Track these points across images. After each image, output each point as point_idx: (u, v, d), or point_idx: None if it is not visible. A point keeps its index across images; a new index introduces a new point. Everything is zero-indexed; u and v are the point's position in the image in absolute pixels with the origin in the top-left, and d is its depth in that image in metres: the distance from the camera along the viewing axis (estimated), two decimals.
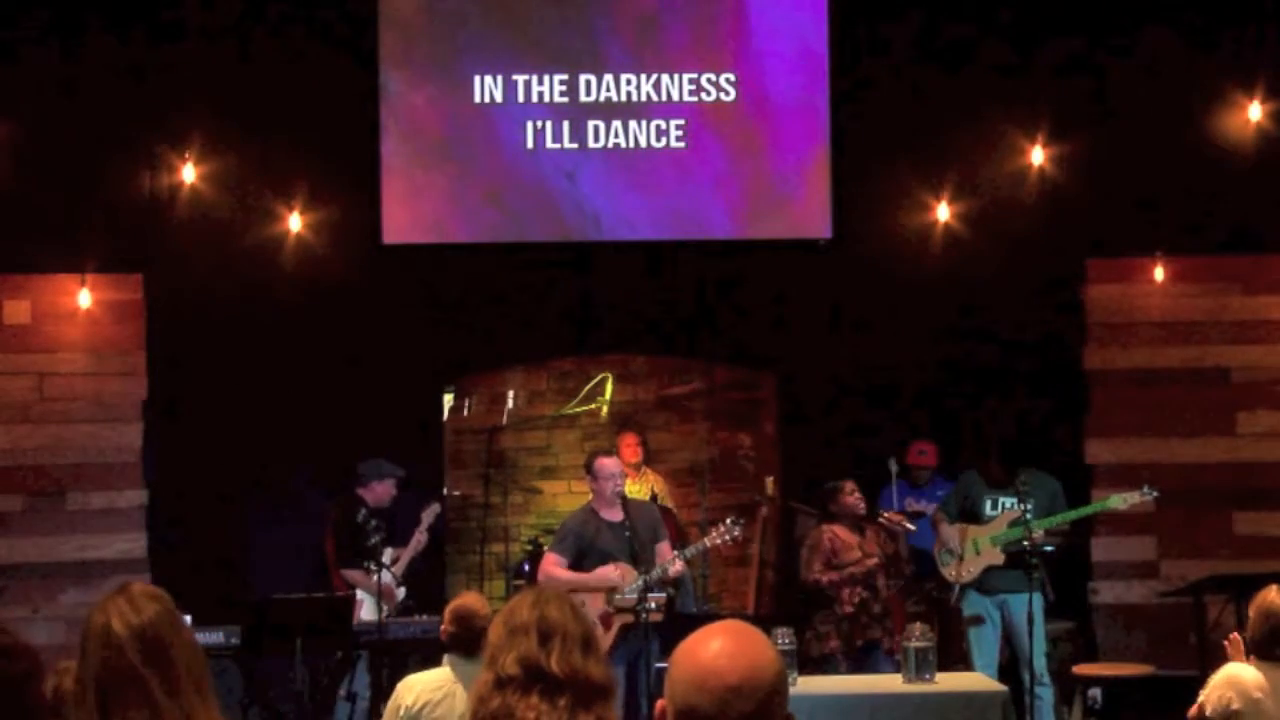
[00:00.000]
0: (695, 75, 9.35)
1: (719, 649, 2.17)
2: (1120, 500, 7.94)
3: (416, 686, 5.09)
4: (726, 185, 9.40)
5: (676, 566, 7.51)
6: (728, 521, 7.61)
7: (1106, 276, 9.44)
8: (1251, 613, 5.08)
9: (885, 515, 8.24)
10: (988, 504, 8.08)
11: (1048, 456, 8.49)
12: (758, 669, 2.15)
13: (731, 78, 9.37)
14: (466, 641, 5.13)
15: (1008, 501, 7.99)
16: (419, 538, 8.56)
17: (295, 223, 9.10)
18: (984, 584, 7.98)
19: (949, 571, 8.09)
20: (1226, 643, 5.23)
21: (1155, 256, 9.33)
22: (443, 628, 5.27)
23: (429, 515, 8.64)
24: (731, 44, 9.42)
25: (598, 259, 9.45)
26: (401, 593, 8.39)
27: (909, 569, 8.23)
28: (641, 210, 9.42)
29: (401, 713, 5.02)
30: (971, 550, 7.99)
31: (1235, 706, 4.95)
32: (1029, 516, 7.76)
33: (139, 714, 2.84)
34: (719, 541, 7.64)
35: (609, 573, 7.50)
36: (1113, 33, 9.29)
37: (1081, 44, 9.29)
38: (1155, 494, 7.88)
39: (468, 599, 5.40)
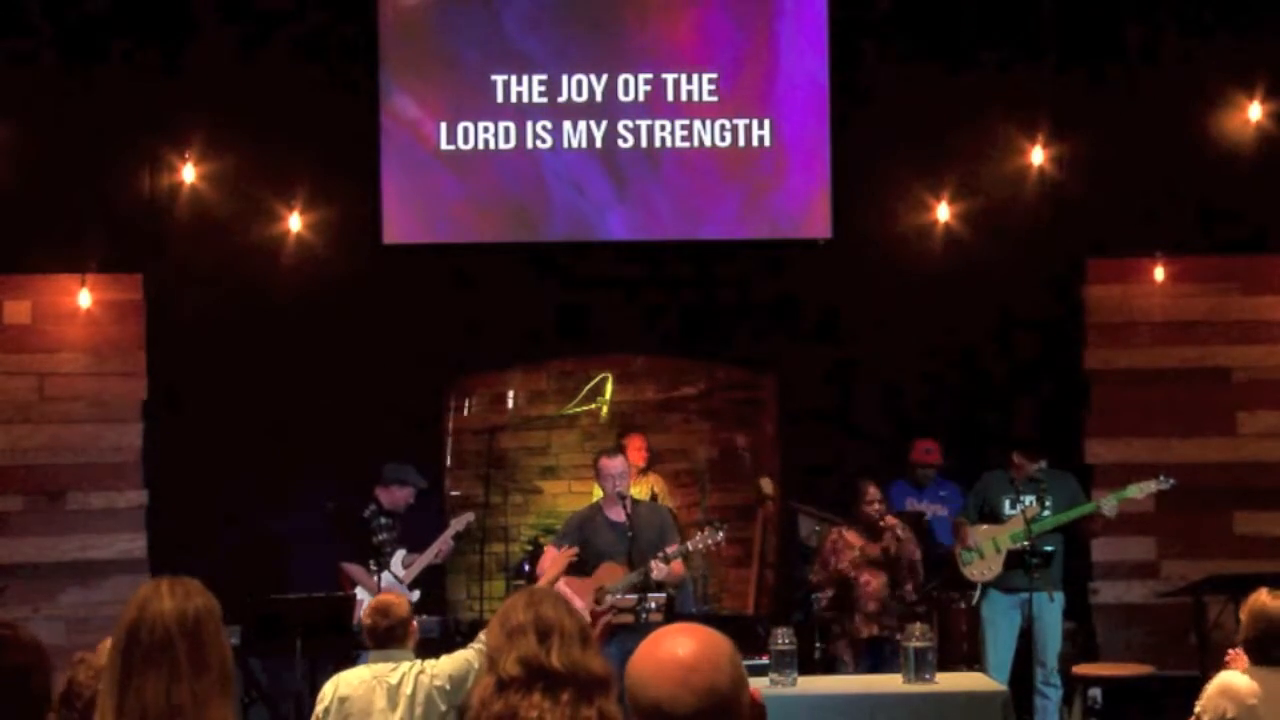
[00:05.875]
0: (694, 76, 9.35)
1: (669, 636, 2.29)
2: (1137, 489, 7.96)
3: (338, 682, 5.10)
4: (726, 185, 9.41)
5: (658, 570, 7.43)
6: (707, 528, 7.63)
7: (1106, 276, 9.44)
8: (1243, 616, 5.06)
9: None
10: (1006, 503, 8.10)
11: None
12: (710, 646, 2.25)
13: (730, 77, 9.37)
14: (383, 631, 5.20)
15: (1027, 499, 8.01)
16: (441, 545, 8.55)
17: (295, 223, 9.10)
18: (1006, 582, 8.00)
19: (970, 571, 8.11)
20: (1228, 658, 5.20)
21: (1155, 256, 9.33)
22: (364, 624, 5.32)
23: (460, 523, 8.66)
24: (731, 44, 9.42)
25: (598, 259, 9.45)
26: (415, 595, 8.32)
27: (910, 572, 8.15)
28: (641, 210, 9.43)
29: (321, 708, 5.03)
30: (991, 549, 8.02)
31: (1230, 715, 4.94)
32: (1047, 512, 7.82)
33: (159, 679, 2.84)
34: (700, 546, 7.64)
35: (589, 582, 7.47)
36: (1113, 32, 9.29)
37: (1081, 44, 9.30)
38: (1172, 482, 7.93)
39: (386, 595, 5.51)
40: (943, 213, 9.29)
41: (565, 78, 9.32)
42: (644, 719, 2.24)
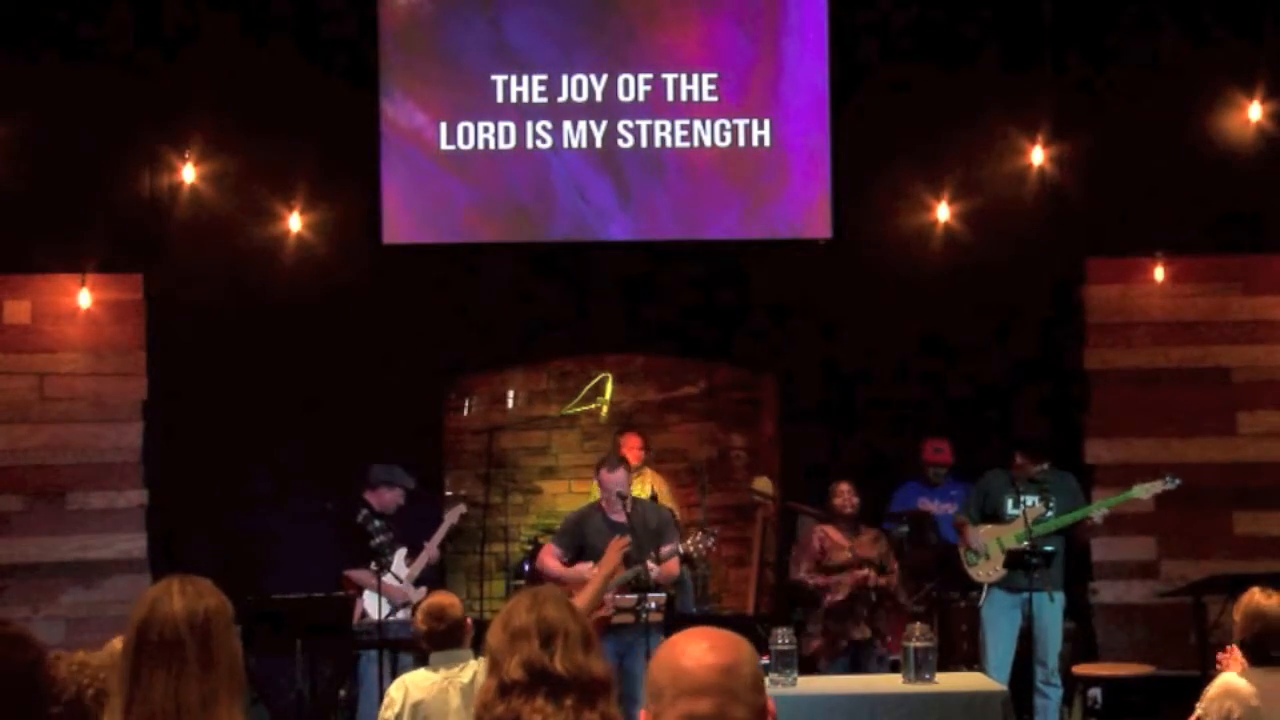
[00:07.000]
0: (694, 76, 9.35)
1: (690, 634, 2.35)
2: (1142, 490, 7.95)
3: (407, 685, 5.10)
4: (727, 186, 9.40)
5: (653, 571, 7.42)
6: (700, 534, 7.64)
7: (1106, 276, 9.44)
8: (1237, 617, 5.03)
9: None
10: (1009, 503, 8.10)
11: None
12: (728, 636, 2.34)
13: (731, 78, 9.37)
14: (442, 634, 5.20)
15: (1029, 500, 8.01)
16: (432, 550, 8.52)
17: (295, 223, 9.10)
18: (1007, 582, 7.99)
19: (976, 572, 8.10)
20: (1222, 655, 5.18)
21: (1155, 256, 9.33)
22: (420, 629, 5.32)
23: (453, 515, 8.65)
24: (731, 44, 9.42)
25: (598, 259, 9.45)
26: (422, 592, 8.28)
27: (894, 571, 8.12)
28: (641, 210, 9.42)
29: (391, 713, 5.03)
30: (996, 549, 8.01)
31: (1236, 716, 4.93)
32: (1050, 514, 7.82)
33: (167, 678, 2.84)
34: (691, 550, 7.67)
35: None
36: (1112, 32, 9.30)
37: (1081, 44, 9.30)
38: (1178, 482, 7.92)
39: (437, 596, 5.50)
40: (943, 213, 9.28)
41: (565, 78, 9.32)
42: (656, 700, 2.26)
